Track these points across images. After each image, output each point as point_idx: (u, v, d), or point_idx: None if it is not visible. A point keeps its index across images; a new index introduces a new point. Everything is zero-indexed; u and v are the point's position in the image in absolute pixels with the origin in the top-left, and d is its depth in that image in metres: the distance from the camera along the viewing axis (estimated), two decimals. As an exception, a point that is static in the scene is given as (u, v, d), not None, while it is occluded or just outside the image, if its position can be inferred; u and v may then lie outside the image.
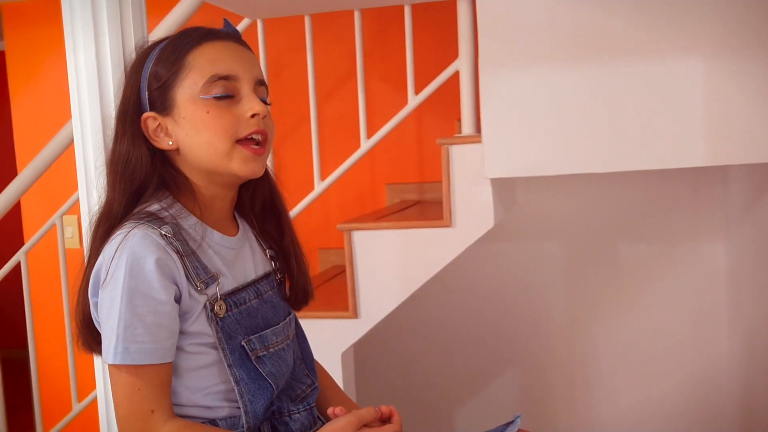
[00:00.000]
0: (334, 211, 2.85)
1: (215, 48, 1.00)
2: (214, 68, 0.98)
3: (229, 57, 1.00)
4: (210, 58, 0.99)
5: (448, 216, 1.95)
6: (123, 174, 1.00)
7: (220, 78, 0.98)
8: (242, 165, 1.00)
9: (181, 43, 1.01)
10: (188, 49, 0.99)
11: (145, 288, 0.92)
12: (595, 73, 1.76)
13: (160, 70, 1.00)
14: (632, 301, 2.66)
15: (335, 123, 2.81)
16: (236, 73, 0.99)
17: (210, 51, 0.99)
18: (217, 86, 0.98)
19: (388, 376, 2.86)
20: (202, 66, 0.98)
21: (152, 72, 1.00)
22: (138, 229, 0.94)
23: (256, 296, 1.07)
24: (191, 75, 0.98)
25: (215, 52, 0.99)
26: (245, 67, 1.01)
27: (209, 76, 0.98)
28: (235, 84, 0.99)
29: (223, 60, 0.99)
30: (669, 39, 1.72)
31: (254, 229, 1.16)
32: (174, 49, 1.00)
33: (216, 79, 0.98)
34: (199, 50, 0.99)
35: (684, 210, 2.59)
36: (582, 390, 2.74)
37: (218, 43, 1.01)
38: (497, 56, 1.83)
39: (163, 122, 1.00)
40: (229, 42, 1.02)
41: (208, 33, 1.02)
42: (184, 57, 0.99)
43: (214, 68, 0.98)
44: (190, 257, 0.97)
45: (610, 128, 1.77)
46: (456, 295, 2.76)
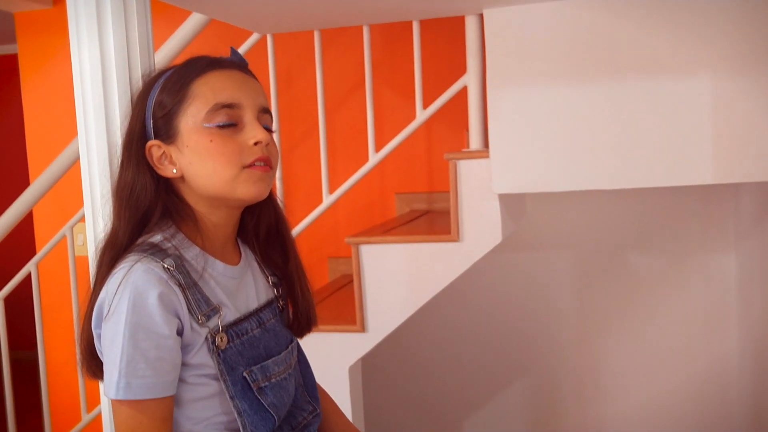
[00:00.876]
0: (344, 220, 2.85)
1: (219, 77, 1.01)
2: (217, 97, 0.99)
3: (233, 85, 1.01)
4: (213, 87, 0.99)
5: (456, 231, 1.94)
6: (128, 202, 1.01)
7: (223, 106, 0.99)
8: (248, 186, 1.00)
9: (186, 72, 1.02)
10: (192, 78, 1.00)
11: (147, 323, 0.92)
12: (604, 90, 1.75)
13: (164, 98, 1.01)
14: (642, 312, 2.65)
15: (345, 132, 2.81)
16: (239, 101, 1.00)
17: (214, 80, 1.00)
18: (220, 115, 0.99)
19: (396, 386, 2.86)
20: (206, 95, 0.99)
21: (157, 101, 1.01)
22: (141, 264, 0.94)
23: (258, 325, 1.07)
24: (195, 104, 0.99)
25: (219, 80, 1.00)
26: (249, 95, 1.01)
27: (212, 104, 0.99)
28: (239, 112, 1.00)
29: (226, 88, 1.00)
30: (679, 56, 1.71)
31: (257, 255, 1.16)
32: (178, 78, 1.01)
33: (219, 107, 0.99)
34: (203, 79, 1.00)
35: (694, 222, 2.58)
36: (592, 400, 2.73)
37: (222, 71, 1.01)
38: (505, 72, 1.83)
39: (168, 150, 1.01)
40: (233, 71, 1.03)
41: (213, 62, 1.03)
42: (188, 86, 1.00)
43: (218, 97, 0.99)
44: (192, 290, 0.98)
45: (618, 145, 1.77)
46: (465, 304, 2.76)
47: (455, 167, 1.93)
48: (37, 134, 3.22)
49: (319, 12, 1.86)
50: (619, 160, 1.77)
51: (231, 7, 1.70)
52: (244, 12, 1.79)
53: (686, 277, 2.60)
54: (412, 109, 2.09)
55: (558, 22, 1.77)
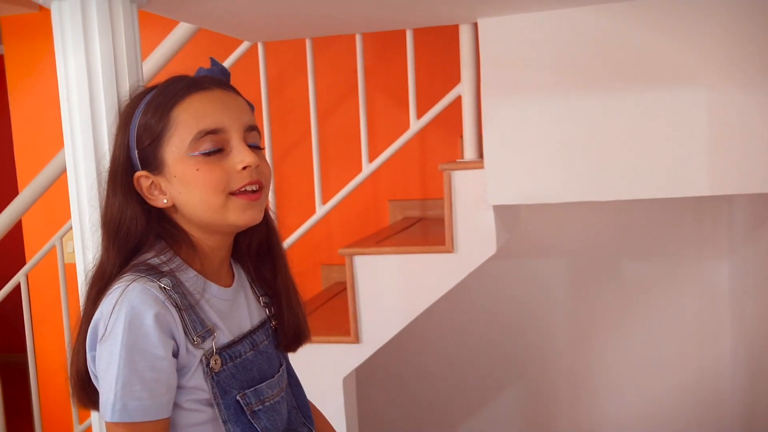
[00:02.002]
0: (337, 227, 2.83)
1: (199, 101, 0.97)
2: (199, 124, 0.96)
3: (215, 109, 0.97)
4: (195, 113, 0.96)
5: (450, 242, 1.93)
6: (116, 235, 0.99)
7: (207, 133, 0.96)
8: (239, 214, 0.99)
9: (166, 97, 0.98)
10: (172, 104, 0.97)
11: (143, 344, 0.91)
12: (599, 100, 1.74)
13: (146, 129, 0.98)
14: (636, 319, 2.64)
15: (338, 138, 2.79)
16: (223, 125, 0.97)
17: (194, 105, 0.97)
18: (204, 142, 0.96)
19: (390, 393, 2.85)
20: (188, 122, 0.96)
21: (139, 131, 0.98)
22: (137, 283, 0.93)
23: (252, 348, 1.06)
24: (177, 133, 0.96)
25: (200, 105, 0.97)
26: (232, 117, 0.98)
27: (195, 132, 0.96)
28: (224, 136, 0.97)
29: (208, 113, 0.97)
30: (675, 66, 1.69)
31: (249, 274, 1.14)
32: (158, 107, 0.98)
33: (202, 134, 0.96)
34: (183, 105, 0.97)
35: (688, 229, 2.57)
36: (586, 406, 2.72)
37: (202, 94, 0.98)
38: (499, 82, 1.81)
39: (156, 180, 0.99)
40: (214, 91, 0.99)
41: (192, 84, 0.99)
42: (169, 114, 0.97)
43: (200, 124, 0.96)
44: (188, 311, 0.96)
45: (614, 156, 1.75)
46: (459, 311, 2.74)
47: (449, 178, 1.91)
48: (25, 138, 3.19)
49: (310, 21, 1.84)
50: (615, 171, 1.75)
51: (221, 17, 1.68)
52: (234, 22, 1.77)
53: (679, 285, 2.59)
54: (406, 116, 2.07)
55: (553, 31, 1.75)
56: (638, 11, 1.69)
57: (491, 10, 1.73)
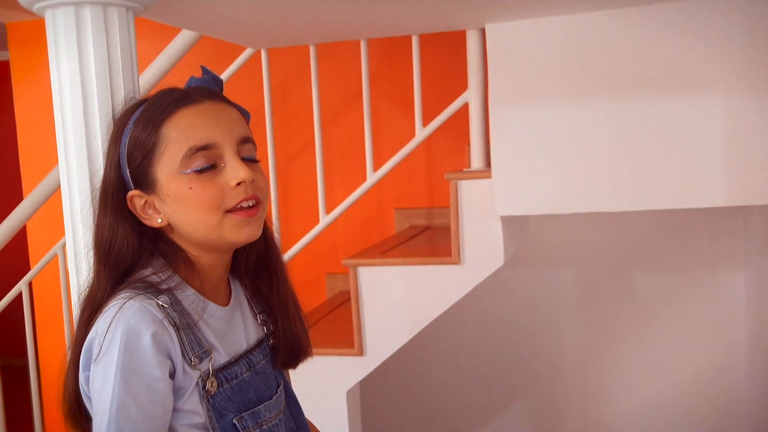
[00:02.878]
0: (342, 236, 2.79)
1: (189, 115, 0.93)
2: (190, 140, 0.92)
3: (206, 123, 0.93)
4: (185, 129, 0.92)
5: (457, 253, 1.88)
6: (107, 258, 0.95)
7: (198, 149, 0.92)
8: (236, 232, 0.95)
9: (154, 114, 0.94)
10: (161, 120, 0.93)
11: (140, 365, 0.87)
12: (611, 109, 1.69)
13: (136, 147, 0.94)
14: (648, 332, 2.59)
15: (343, 145, 2.75)
16: (215, 140, 0.93)
17: (184, 120, 0.93)
18: (196, 159, 0.92)
19: (394, 406, 2.80)
20: (178, 139, 0.92)
21: (129, 148, 0.94)
22: (134, 301, 0.89)
23: (249, 368, 1.02)
24: (168, 150, 0.92)
25: (190, 120, 0.93)
26: (224, 130, 0.94)
27: (186, 149, 0.92)
28: (216, 152, 0.93)
29: (198, 128, 0.92)
30: (690, 74, 1.64)
31: (247, 290, 1.10)
32: (147, 123, 0.94)
33: (194, 151, 0.92)
34: (173, 121, 0.93)
35: (702, 238, 2.51)
36: (595, 422, 2.67)
37: (192, 108, 0.94)
38: (508, 89, 1.77)
39: (150, 199, 0.95)
40: (204, 104, 0.95)
41: (181, 98, 0.95)
42: (158, 130, 0.93)
43: (190, 140, 0.92)
44: (186, 330, 0.93)
45: (627, 166, 1.70)
46: (466, 322, 2.69)
47: (456, 187, 1.87)
48: (30, 143, 3.17)
49: (314, 27, 1.80)
50: (628, 181, 1.70)
51: (222, 23, 1.64)
52: (236, 28, 1.73)
53: (693, 297, 2.53)
54: (411, 123, 2.03)
55: (563, 37, 1.70)
56: (651, 16, 1.64)
57: (499, 15, 1.68)
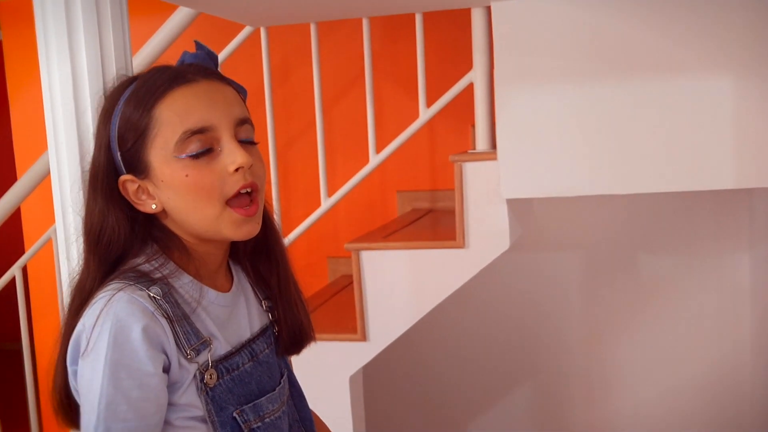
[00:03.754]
0: (344, 219, 2.75)
1: (183, 96, 0.88)
2: (184, 123, 0.87)
3: (201, 104, 0.88)
4: (179, 111, 0.87)
5: (461, 237, 1.85)
6: (97, 246, 0.91)
7: (194, 133, 0.87)
8: (235, 229, 0.91)
9: (146, 94, 0.89)
10: (154, 101, 0.88)
11: (130, 360, 0.83)
12: (618, 90, 1.65)
13: (127, 129, 0.89)
14: (653, 315, 2.56)
15: (345, 126, 2.71)
16: (211, 123, 0.88)
17: (178, 102, 0.88)
18: (191, 143, 0.87)
19: (397, 390, 2.78)
20: (172, 121, 0.87)
21: (120, 131, 0.89)
22: (124, 293, 0.85)
23: (251, 358, 0.98)
24: (161, 134, 0.88)
25: (184, 101, 0.88)
26: (221, 111, 0.89)
27: (180, 133, 0.87)
28: (212, 135, 0.88)
29: (193, 110, 0.88)
30: (698, 54, 1.60)
31: (249, 276, 1.06)
32: (138, 103, 0.89)
33: (189, 135, 0.87)
34: (166, 102, 0.88)
35: (707, 221, 2.48)
36: (600, 403, 2.65)
37: (186, 89, 0.89)
38: (514, 69, 1.72)
39: (143, 184, 0.91)
40: (200, 83, 0.90)
41: (174, 77, 0.89)
42: (151, 112, 0.88)
43: (185, 123, 0.87)
44: (181, 322, 0.88)
45: (633, 147, 1.66)
46: (469, 305, 2.66)
47: (461, 170, 1.83)
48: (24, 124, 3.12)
49: (315, 4, 1.75)
50: (636, 163, 1.66)
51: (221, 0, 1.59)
52: (234, 5, 1.68)
53: (697, 279, 2.50)
54: (414, 104, 1.98)
55: (572, 16, 1.65)
56: (662, -6, 1.59)
57: (505, -8, 1.64)
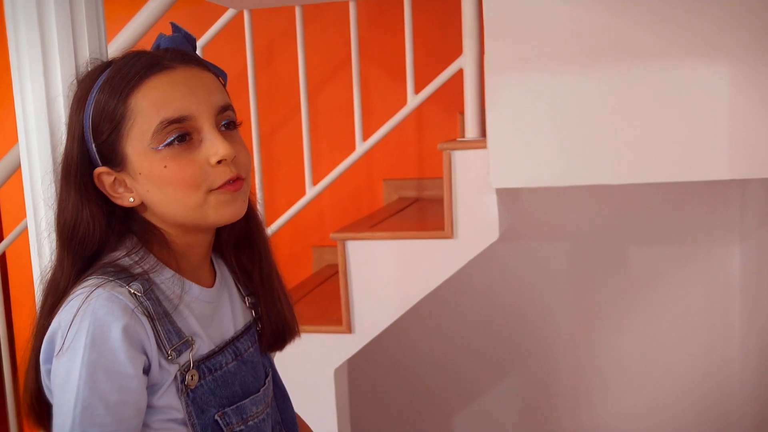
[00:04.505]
0: (329, 207, 2.70)
1: (160, 84, 0.83)
2: (161, 113, 0.82)
3: (179, 92, 0.83)
4: (155, 100, 0.82)
5: (450, 227, 1.81)
6: (70, 243, 0.86)
7: (171, 122, 0.82)
8: (220, 211, 0.86)
9: (121, 82, 0.84)
10: (129, 90, 0.83)
11: (108, 361, 0.78)
12: (613, 78, 1.61)
13: (102, 119, 0.84)
14: (641, 306, 2.54)
15: (331, 113, 2.65)
16: (190, 111, 0.83)
17: (155, 90, 0.83)
18: (169, 133, 0.82)
19: (381, 383, 2.74)
20: (148, 112, 0.82)
21: (94, 120, 0.84)
22: (103, 289, 0.80)
23: (235, 357, 0.93)
24: (137, 124, 0.83)
25: (161, 90, 0.83)
26: (201, 99, 0.84)
27: (157, 123, 0.82)
28: (191, 124, 0.83)
29: (171, 99, 0.83)
30: (693, 42, 1.56)
31: (233, 271, 1.02)
32: (113, 92, 0.84)
33: (166, 124, 0.82)
34: (142, 91, 0.83)
35: (698, 211, 2.46)
36: (586, 398, 2.63)
37: (163, 76, 0.84)
38: (505, 55, 1.67)
39: (120, 177, 0.86)
40: (177, 70, 0.85)
41: (151, 64, 0.84)
42: (126, 102, 0.83)
43: (162, 112, 0.82)
44: (163, 320, 0.84)
45: (629, 136, 1.62)
46: (455, 297, 2.63)
47: (449, 158, 1.78)
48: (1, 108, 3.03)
49: (301, -13, 1.69)
50: (630, 153, 1.63)
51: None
52: (217, -14, 1.62)
53: (688, 271, 2.48)
54: (401, 90, 1.93)
55: (564, 3, 1.61)
56: (657, -22, 1.55)
57: (497, -25, 1.59)
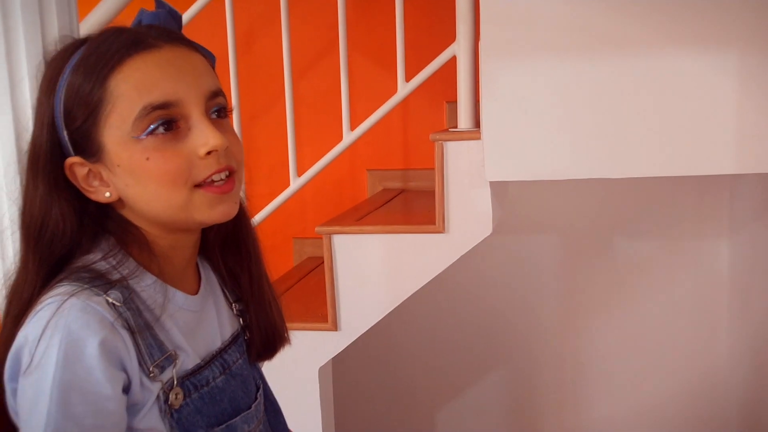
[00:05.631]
0: (310, 198, 2.61)
1: (144, 64, 0.74)
2: (144, 97, 0.73)
3: (165, 74, 0.74)
4: (138, 83, 0.73)
5: (441, 221, 1.73)
6: (37, 243, 0.76)
7: (156, 108, 0.73)
8: (208, 211, 0.77)
9: (98, 61, 0.74)
10: (108, 71, 0.73)
11: (83, 381, 0.69)
12: (615, 67, 1.54)
13: (75, 104, 0.74)
14: (628, 302, 2.49)
15: (312, 101, 2.55)
16: (177, 96, 0.74)
17: (137, 72, 0.73)
18: (153, 120, 0.73)
19: (364, 378, 2.67)
20: (130, 96, 0.73)
21: (67, 104, 0.74)
22: (77, 298, 0.70)
23: (223, 371, 0.85)
24: (117, 110, 0.73)
25: (144, 71, 0.73)
26: (189, 83, 0.75)
27: (140, 108, 0.72)
28: (178, 110, 0.74)
29: (156, 81, 0.73)
30: (698, 29, 1.50)
31: (220, 274, 0.93)
32: (89, 72, 0.74)
33: (150, 110, 0.73)
34: (122, 73, 0.73)
35: (687, 205, 2.42)
36: (572, 395, 2.59)
37: (147, 55, 0.74)
38: (502, 41, 1.59)
39: (95, 168, 0.76)
40: (162, 50, 0.75)
41: (133, 42, 0.75)
42: (105, 83, 0.73)
43: (145, 96, 0.73)
44: (144, 333, 0.75)
45: (629, 128, 1.56)
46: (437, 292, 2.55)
47: (442, 149, 1.70)
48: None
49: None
50: (632, 145, 1.56)
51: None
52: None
53: (676, 264, 2.44)
54: (387, 78, 1.85)
55: (565, -15, 1.53)
56: (662, -37, 1.48)
57: (495, -43, 1.51)
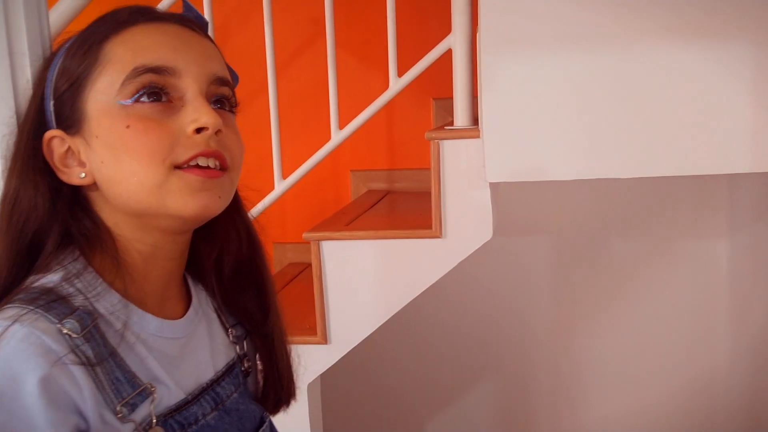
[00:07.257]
0: (291, 201, 2.48)
1: (145, 31, 0.67)
2: (138, 58, 0.65)
3: (165, 42, 0.66)
4: (135, 46, 0.66)
5: (438, 225, 1.63)
6: (9, 223, 0.67)
7: (147, 70, 0.64)
8: (185, 198, 0.65)
9: (99, 27, 0.67)
10: (106, 35, 0.66)
11: (21, 425, 0.58)
12: (623, 61, 1.45)
13: (65, 70, 0.67)
14: (625, 304, 2.42)
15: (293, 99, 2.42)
16: (174, 65, 0.65)
17: (137, 36, 0.66)
18: (142, 83, 0.64)
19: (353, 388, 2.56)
20: (123, 57, 0.65)
21: (58, 73, 0.67)
22: (21, 325, 0.59)
23: (214, 407, 0.73)
24: (107, 71, 0.65)
25: (144, 36, 0.66)
26: (191, 59, 0.67)
27: (131, 69, 0.64)
28: (173, 81, 0.65)
29: (154, 46, 0.66)
30: (715, 20, 1.41)
31: (216, 299, 0.81)
32: (86, 39, 0.67)
33: (141, 71, 0.64)
34: (122, 36, 0.66)
35: (684, 204, 2.35)
36: (565, 400, 2.51)
37: (151, 25, 0.67)
38: (502, 34, 1.49)
39: (74, 144, 0.67)
40: (172, 25, 0.68)
41: (139, 12, 0.68)
42: (100, 46, 0.66)
43: (139, 58, 0.65)
44: (107, 364, 0.63)
45: (638, 126, 1.47)
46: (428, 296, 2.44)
47: (438, 148, 1.60)
48: None
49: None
50: (640, 143, 1.48)
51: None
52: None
53: (674, 266, 2.38)
54: (375, 73, 1.74)
55: (570, -27, 1.44)
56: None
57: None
